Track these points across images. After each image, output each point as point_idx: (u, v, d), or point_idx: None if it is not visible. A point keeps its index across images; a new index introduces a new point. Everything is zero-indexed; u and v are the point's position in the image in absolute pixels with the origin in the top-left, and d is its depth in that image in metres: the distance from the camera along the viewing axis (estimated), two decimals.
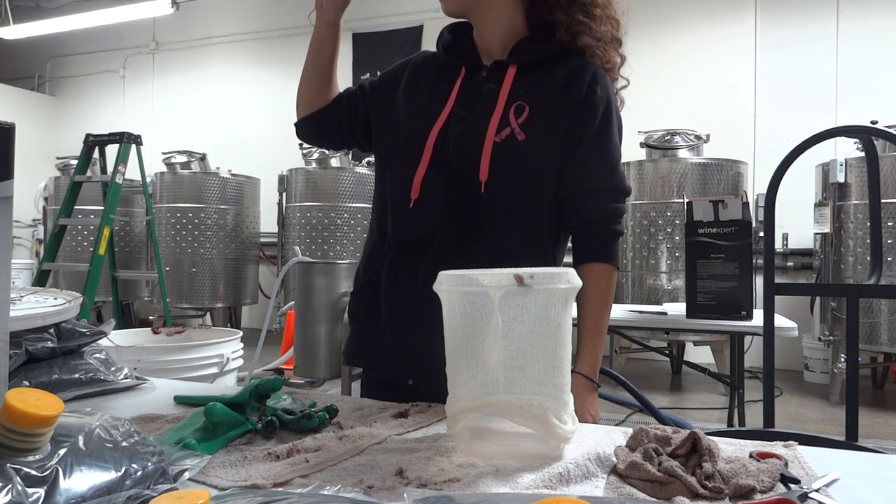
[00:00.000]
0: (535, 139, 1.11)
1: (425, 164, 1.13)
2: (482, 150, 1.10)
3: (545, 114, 1.12)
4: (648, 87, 5.84)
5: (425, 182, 1.13)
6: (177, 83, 7.95)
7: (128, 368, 1.14)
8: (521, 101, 1.12)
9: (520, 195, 1.13)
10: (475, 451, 0.75)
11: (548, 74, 1.14)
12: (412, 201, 1.14)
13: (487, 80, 1.16)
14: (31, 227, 7.94)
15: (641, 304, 4.21)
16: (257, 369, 3.88)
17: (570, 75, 1.14)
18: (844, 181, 4.29)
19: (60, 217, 4.80)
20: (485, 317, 0.72)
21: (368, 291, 1.22)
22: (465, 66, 1.19)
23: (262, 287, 6.92)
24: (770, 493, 0.63)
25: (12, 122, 0.66)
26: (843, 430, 1.96)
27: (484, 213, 1.12)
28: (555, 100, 1.13)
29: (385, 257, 1.19)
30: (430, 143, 1.14)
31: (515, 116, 1.12)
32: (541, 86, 1.14)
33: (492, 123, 1.11)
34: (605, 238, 1.17)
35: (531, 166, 1.12)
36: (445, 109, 1.16)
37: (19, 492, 0.49)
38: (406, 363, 1.16)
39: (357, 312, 1.26)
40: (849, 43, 5.33)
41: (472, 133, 1.12)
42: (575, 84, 1.13)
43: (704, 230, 2.49)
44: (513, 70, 1.15)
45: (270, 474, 0.68)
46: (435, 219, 1.13)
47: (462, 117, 1.14)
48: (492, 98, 1.14)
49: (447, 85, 1.19)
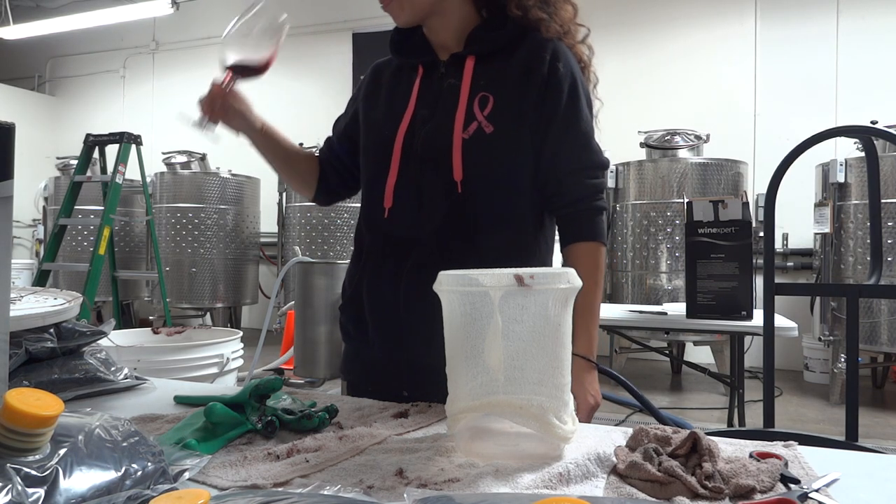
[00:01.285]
0: (504, 129, 1.08)
1: (395, 171, 1.11)
2: (452, 150, 1.07)
3: (510, 101, 1.09)
4: (648, 87, 5.85)
5: (398, 189, 1.11)
6: (177, 83, 7.94)
7: (128, 368, 1.14)
8: (484, 91, 1.09)
9: (497, 189, 1.09)
10: (475, 451, 0.75)
11: (508, 60, 1.11)
12: (386, 210, 1.12)
13: (447, 76, 1.12)
14: (31, 227, 7.94)
15: (641, 304, 4.21)
16: (257, 369, 3.89)
17: (529, 56, 1.10)
18: (844, 181, 4.29)
19: (60, 217, 4.80)
20: (485, 317, 0.72)
21: (354, 305, 1.20)
22: (421, 64, 1.15)
23: (262, 287, 6.92)
24: (770, 493, 0.63)
25: (12, 122, 0.66)
26: (843, 430, 1.96)
27: (462, 213, 1.09)
28: (518, 85, 1.09)
29: (365, 269, 1.17)
30: (397, 149, 1.11)
31: (480, 109, 1.08)
32: (502, 73, 1.10)
33: (457, 120, 1.08)
34: (589, 216, 1.13)
35: (504, 158, 1.09)
36: (408, 112, 1.13)
37: (19, 492, 0.49)
38: (399, 376, 1.14)
39: (346, 327, 1.24)
40: (849, 43, 5.33)
41: (438, 133, 1.09)
42: (536, 64, 1.09)
43: (704, 230, 2.49)
44: (471, 61, 1.11)
45: (270, 474, 0.68)
46: (411, 226, 1.11)
47: (426, 118, 1.11)
48: (454, 93, 1.10)
49: (406, 86, 1.16)
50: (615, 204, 4.94)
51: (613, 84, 6.01)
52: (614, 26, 5.98)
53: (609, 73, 6.26)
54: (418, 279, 1.09)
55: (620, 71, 5.93)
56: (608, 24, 6.01)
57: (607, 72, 5.45)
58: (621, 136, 5.42)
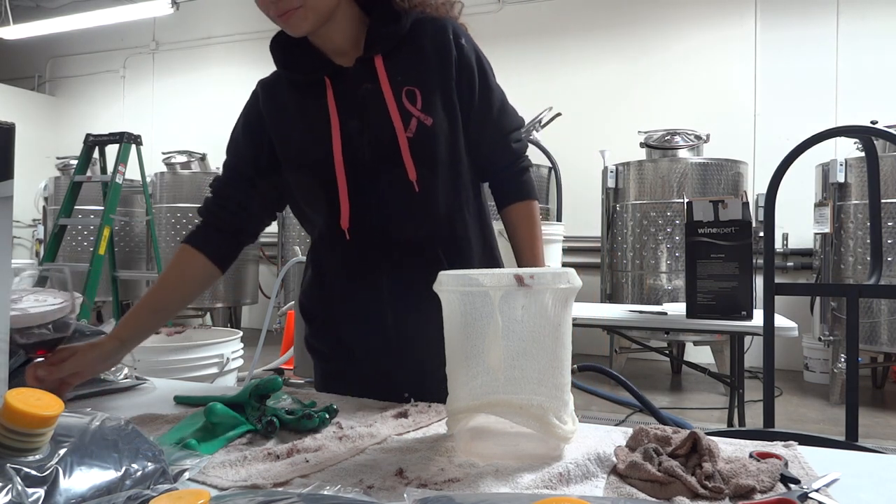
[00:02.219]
0: (440, 118, 1.09)
1: (344, 190, 1.07)
2: (401, 151, 1.06)
3: (434, 89, 1.09)
4: (648, 87, 5.85)
5: (353, 205, 1.08)
6: (177, 83, 7.94)
7: (128, 368, 1.15)
8: (407, 86, 1.08)
9: (446, 178, 1.11)
10: (475, 451, 0.75)
11: (416, 51, 1.10)
12: (346, 232, 1.08)
13: (358, 81, 1.09)
14: (31, 227, 7.93)
15: (641, 304, 4.21)
16: (257, 369, 3.88)
17: (434, 41, 1.11)
18: (844, 181, 4.29)
19: (60, 217, 4.80)
20: (485, 317, 0.72)
21: (328, 329, 1.18)
22: (326, 76, 1.09)
23: (262, 287, 6.92)
24: (770, 493, 0.63)
25: (12, 122, 0.66)
26: (843, 430, 1.96)
27: (419, 213, 1.09)
28: (436, 72, 1.10)
29: (335, 291, 1.16)
30: (338, 165, 1.06)
31: (412, 104, 1.07)
32: (416, 64, 1.10)
33: (395, 120, 1.06)
34: (517, 177, 1.20)
35: (445, 145, 1.10)
36: (334, 126, 1.07)
37: (19, 492, 0.49)
38: (397, 384, 1.12)
39: (320, 351, 1.22)
40: (849, 43, 5.33)
41: (382, 139, 1.07)
42: (442, 48, 1.10)
43: (704, 230, 2.49)
44: (380, 61, 1.09)
45: (270, 474, 0.68)
46: (374, 236, 1.09)
47: (359, 128, 1.07)
48: (376, 96, 1.07)
49: (315, 100, 1.10)
50: (615, 204, 4.93)
51: (614, 84, 6.03)
52: (615, 27, 5.98)
53: (609, 73, 6.26)
54: (402, 287, 1.10)
55: (621, 71, 5.93)
56: (609, 25, 6.01)
57: (608, 72, 5.47)
58: (621, 136, 5.43)
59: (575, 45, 6.12)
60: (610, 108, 5.93)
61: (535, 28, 6.25)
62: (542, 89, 5.87)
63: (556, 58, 6.16)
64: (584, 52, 6.08)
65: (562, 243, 3.68)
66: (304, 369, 2.89)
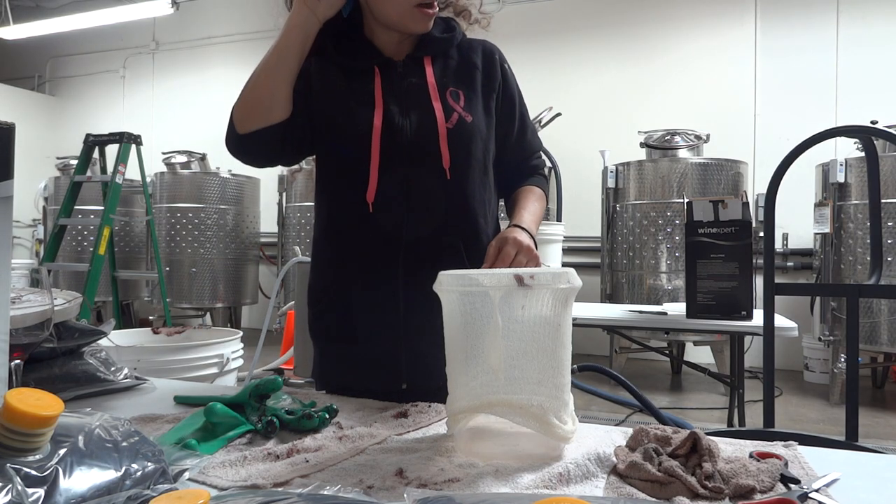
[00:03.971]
0: (478, 119, 1.17)
1: (376, 163, 1.12)
2: (439, 139, 1.12)
3: (476, 95, 1.19)
4: (649, 87, 5.85)
5: (381, 183, 1.12)
6: (177, 83, 7.94)
7: (128, 368, 1.15)
8: (452, 87, 1.17)
9: (477, 173, 1.18)
10: (475, 451, 0.75)
11: (462, 62, 1.20)
12: (370, 205, 1.12)
13: (406, 75, 1.17)
14: (31, 227, 7.93)
15: (641, 304, 4.21)
16: (257, 369, 3.89)
17: (483, 59, 1.22)
18: (844, 181, 4.29)
19: (60, 217, 4.80)
20: (485, 317, 0.72)
21: (337, 309, 1.18)
22: (377, 66, 1.16)
23: (262, 287, 6.92)
24: (770, 493, 0.63)
25: (12, 122, 0.66)
26: (843, 430, 1.96)
27: (445, 201, 1.15)
28: (482, 85, 1.20)
29: (351, 270, 1.17)
30: (375, 143, 1.12)
31: (455, 101, 1.16)
32: (463, 73, 1.20)
33: (437, 112, 1.13)
34: (530, 174, 1.29)
35: (481, 144, 1.18)
36: (377, 109, 1.13)
37: (19, 492, 0.49)
38: (396, 370, 1.13)
39: (325, 332, 1.22)
40: (849, 43, 5.33)
41: (424, 125, 1.13)
42: (491, 67, 1.22)
43: (704, 230, 2.49)
44: (428, 61, 1.18)
45: (270, 474, 0.68)
46: (399, 215, 1.13)
47: (401, 112, 1.14)
48: (421, 90, 1.15)
49: (361, 85, 1.16)
50: (615, 204, 4.93)
51: (614, 84, 6.03)
52: (615, 27, 5.98)
53: (609, 73, 6.26)
54: (417, 270, 1.11)
55: (621, 71, 5.92)
56: (609, 25, 6.01)
57: (608, 72, 5.48)
58: (621, 136, 5.43)
59: (575, 45, 6.12)
60: (610, 108, 5.93)
61: (535, 28, 6.25)
62: (542, 89, 5.87)
63: (556, 58, 6.16)
64: (584, 52, 6.08)
65: (562, 243, 3.69)
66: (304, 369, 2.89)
